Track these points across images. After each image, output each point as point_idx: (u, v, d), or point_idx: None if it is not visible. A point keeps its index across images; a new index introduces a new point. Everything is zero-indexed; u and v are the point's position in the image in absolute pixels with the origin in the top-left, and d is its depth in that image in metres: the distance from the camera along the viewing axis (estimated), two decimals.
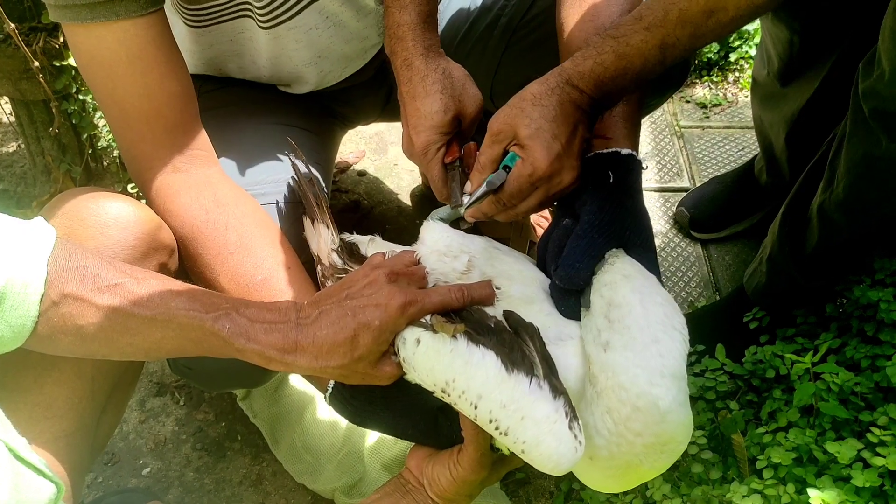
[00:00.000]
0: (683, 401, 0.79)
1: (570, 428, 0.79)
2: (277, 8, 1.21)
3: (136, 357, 0.91)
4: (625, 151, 0.96)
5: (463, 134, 1.07)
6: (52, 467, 0.92)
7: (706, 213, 1.85)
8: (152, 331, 0.86)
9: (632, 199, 0.93)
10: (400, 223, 1.98)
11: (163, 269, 1.01)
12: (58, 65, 1.73)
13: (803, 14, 1.37)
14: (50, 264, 0.83)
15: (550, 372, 0.82)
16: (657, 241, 1.87)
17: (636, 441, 0.79)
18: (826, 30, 1.38)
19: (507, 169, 0.93)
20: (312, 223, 1.12)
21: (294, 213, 1.19)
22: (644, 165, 0.99)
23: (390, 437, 1.29)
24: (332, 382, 0.98)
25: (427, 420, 0.95)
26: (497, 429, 0.81)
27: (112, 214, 0.96)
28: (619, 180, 0.93)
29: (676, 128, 2.21)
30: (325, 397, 0.99)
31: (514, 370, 0.81)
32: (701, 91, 2.33)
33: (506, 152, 0.94)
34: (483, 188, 0.94)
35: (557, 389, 0.81)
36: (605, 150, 0.97)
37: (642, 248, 0.90)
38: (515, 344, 0.84)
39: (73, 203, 0.96)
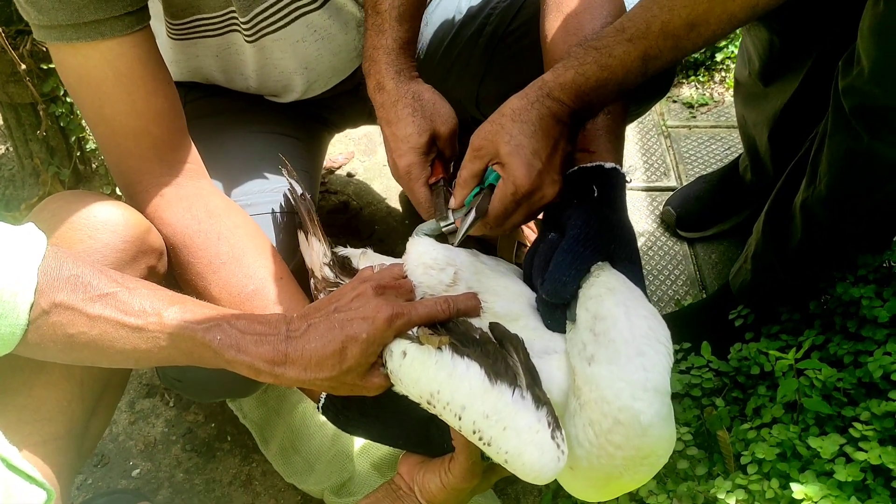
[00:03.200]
0: (666, 415, 0.79)
1: (553, 438, 0.79)
2: (262, 22, 1.21)
3: (126, 365, 0.91)
4: (608, 165, 0.96)
5: (442, 153, 1.07)
6: (41, 472, 0.92)
7: (692, 212, 1.86)
8: (143, 341, 0.86)
9: (616, 212, 0.93)
10: (389, 224, 1.98)
11: (152, 271, 1.02)
12: (45, 68, 1.72)
13: (783, 14, 1.37)
14: (40, 273, 0.82)
15: (534, 382, 0.82)
16: (644, 240, 1.88)
17: (617, 454, 0.79)
18: (805, 29, 1.39)
19: (492, 188, 0.93)
20: (306, 237, 1.12)
21: (287, 222, 1.20)
22: (628, 179, 0.99)
23: None
24: (324, 393, 0.98)
25: (418, 430, 0.95)
26: (481, 439, 0.81)
27: (101, 218, 0.96)
28: (603, 194, 0.93)
29: (663, 127, 2.22)
30: (317, 408, 1.00)
31: (497, 381, 0.81)
32: (687, 91, 2.34)
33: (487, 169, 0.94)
34: (473, 215, 0.94)
35: (540, 399, 0.81)
36: (588, 164, 0.96)
37: (628, 261, 0.90)
38: (499, 355, 0.84)
39: (63, 206, 0.96)
